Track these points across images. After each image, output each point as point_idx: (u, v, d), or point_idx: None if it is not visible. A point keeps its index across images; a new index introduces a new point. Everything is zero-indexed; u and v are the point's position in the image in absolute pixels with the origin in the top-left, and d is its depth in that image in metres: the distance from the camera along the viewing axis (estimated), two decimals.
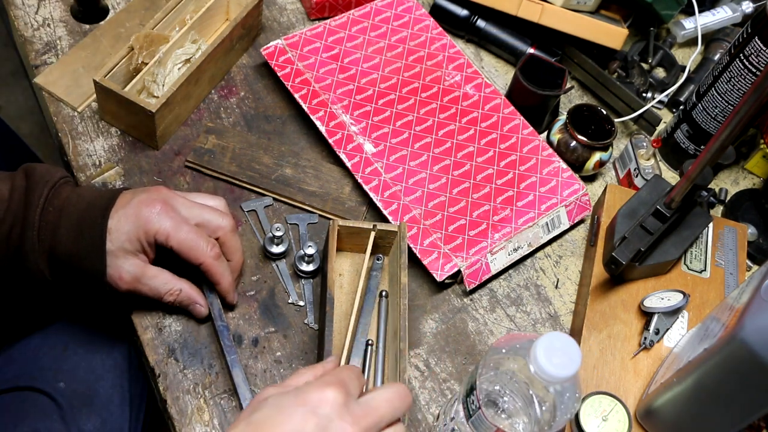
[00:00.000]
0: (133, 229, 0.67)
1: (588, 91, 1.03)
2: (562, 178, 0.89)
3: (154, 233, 0.68)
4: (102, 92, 0.82)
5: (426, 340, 0.80)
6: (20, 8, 0.93)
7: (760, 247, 0.91)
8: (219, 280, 0.73)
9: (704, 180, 0.78)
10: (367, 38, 0.94)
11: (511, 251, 0.84)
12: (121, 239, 0.67)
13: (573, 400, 0.59)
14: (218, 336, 0.73)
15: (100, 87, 0.81)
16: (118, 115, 0.85)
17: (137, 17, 0.95)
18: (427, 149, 0.87)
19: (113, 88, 0.80)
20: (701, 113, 0.89)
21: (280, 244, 0.80)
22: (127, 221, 0.67)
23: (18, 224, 0.67)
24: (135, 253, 0.69)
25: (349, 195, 0.85)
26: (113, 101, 0.82)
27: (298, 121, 0.91)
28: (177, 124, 0.87)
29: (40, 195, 0.68)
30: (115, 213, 0.68)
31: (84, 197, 0.69)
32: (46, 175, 0.69)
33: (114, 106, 0.83)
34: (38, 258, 0.67)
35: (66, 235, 0.67)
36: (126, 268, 0.68)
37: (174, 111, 0.84)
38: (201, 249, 0.70)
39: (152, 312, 0.76)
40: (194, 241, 0.69)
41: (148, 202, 0.69)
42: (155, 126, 0.81)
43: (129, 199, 0.69)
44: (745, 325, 0.58)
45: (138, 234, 0.68)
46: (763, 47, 0.80)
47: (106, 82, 0.81)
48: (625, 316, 0.80)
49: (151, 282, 0.70)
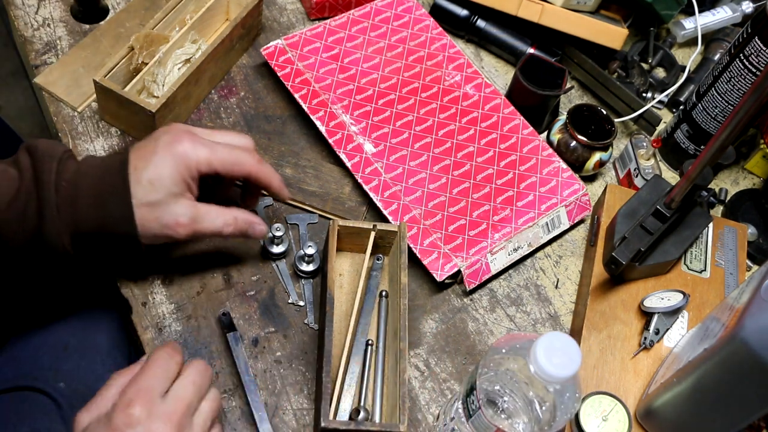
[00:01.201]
0: (174, 170, 0.66)
1: (588, 91, 1.03)
2: (562, 178, 0.89)
3: (195, 165, 0.67)
4: (102, 92, 0.82)
5: (426, 340, 0.80)
6: (20, 8, 0.93)
7: (760, 247, 0.91)
8: (270, 181, 0.73)
9: (704, 180, 0.78)
10: (367, 38, 0.94)
11: (511, 251, 0.84)
12: (165, 185, 0.66)
13: (573, 400, 0.59)
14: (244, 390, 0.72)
15: (100, 87, 0.81)
16: (118, 116, 0.84)
17: (137, 17, 0.95)
18: (427, 149, 0.87)
19: (113, 88, 0.80)
20: (701, 113, 0.89)
21: (280, 244, 0.80)
22: (165, 165, 0.66)
23: (32, 203, 0.65)
24: (183, 194, 0.68)
25: (349, 195, 0.85)
26: (113, 101, 0.82)
27: (298, 121, 0.91)
28: None
29: (49, 171, 0.66)
30: (144, 164, 0.66)
31: (94, 166, 0.67)
32: (50, 150, 0.67)
33: (114, 107, 0.83)
34: (62, 235, 0.66)
35: (87, 208, 0.66)
36: (180, 211, 0.67)
37: (174, 111, 0.84)
38: (244, 159, 0.70)
39: (152, 312, 0.76)
40: (235, 155, 0.69)
41: (176, 140, 0.67)
42: (155, 126, 0.80)
43: (152, 147, 0.67)
44: (745, 325, 0.58)
45: (181, 172, 0.67)
46: (763, 47, 0.80)
47: (106, 82, 0.81)
48: (625, 316, 0.80)
49: (207, 217, 0.69)
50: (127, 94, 0.80)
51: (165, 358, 0.60)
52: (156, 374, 0.59)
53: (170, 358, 0.60)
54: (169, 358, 0.60)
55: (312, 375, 0.75)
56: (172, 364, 0.60)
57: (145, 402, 0.56)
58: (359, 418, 0.70)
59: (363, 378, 0.74)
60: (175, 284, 0.78)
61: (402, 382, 0.68)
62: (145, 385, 0.58)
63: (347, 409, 0.72)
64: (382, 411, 0.73)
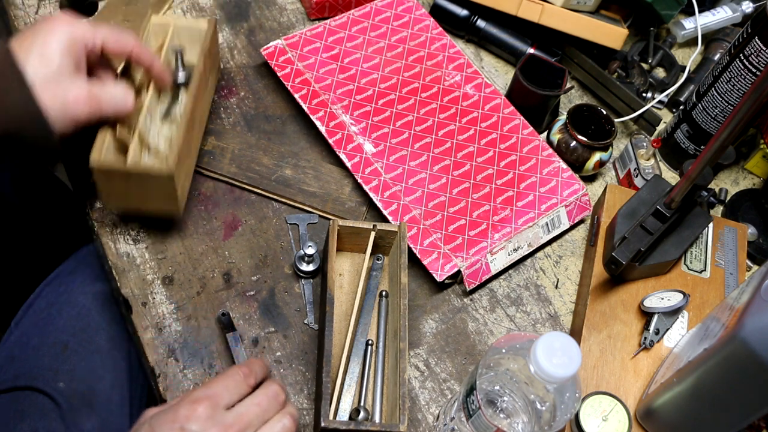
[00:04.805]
0: (61, 44, 0.65)
1: (588, 91, 1.03)
2: (562, 178, 0.89)
3: (81, 38, 0.66)
4: (104, 177, 0.73)
5: (426, 340, 0.80)
6: (20, 8, 0.93)
7: (760, 247, 0.91)
8: (152, 62, 0.73)
9: (704, 180, 0.78)
10: (367, 38, 0.94)
11: (511, 251, 0.84)
12: (55, 58, 0.64)
13: (573, 400, 0.59)
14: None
15: (101, 172, 0.71)
16: (128, 195, 0.75)
17: (119, 13, 0.94)
18: (427, 149, 0.87)
19: (117, 167, 0.72)
20: (701, 113, 0.89)
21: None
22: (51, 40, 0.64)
23: None
24: (76, 71, 0.66)
25: (349, 195, 0.85)
26: (119, 181, 0.73)
27: (298, 121, 0.91)
28: (188, 180, 0.80)
29: None
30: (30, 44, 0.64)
31: None
32: None
33: (121, 188, 0.74)
34: None
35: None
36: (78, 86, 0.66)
37: (183, 165, 0.76)
38: (128, 37, 0.70)
39: (152, 312, 0.76)
40: (119, 33, 0.69)
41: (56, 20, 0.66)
42: (174, 188, 0.73)
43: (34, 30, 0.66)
44: (745, 325, 0.58)
45: (68, 46, 0.65)
46: (763, 47, 0.80)
47: (105, 163, 0.71)
48: (625, 316, 0.80)
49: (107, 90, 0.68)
50: (135, 167, 0.72)
51: (238, 376, 0.61)
52: (227, 386, 0.60)
53: (243, 379, 0.61)
54: (242, 378, 0.61)
55: (312, 375, 0.75)
56: (243, 384, 0.61)
57: (210, 406, 0.58)
58: (359, 418, 0.70)
59: (363, 378, 0.74)
60: (175, 284, 0.78)
61: (402, 382, 0.68)
62: (214, 392, 0.59)
63: (347, 409, 0.72)
64: (382, 411, 0.73)
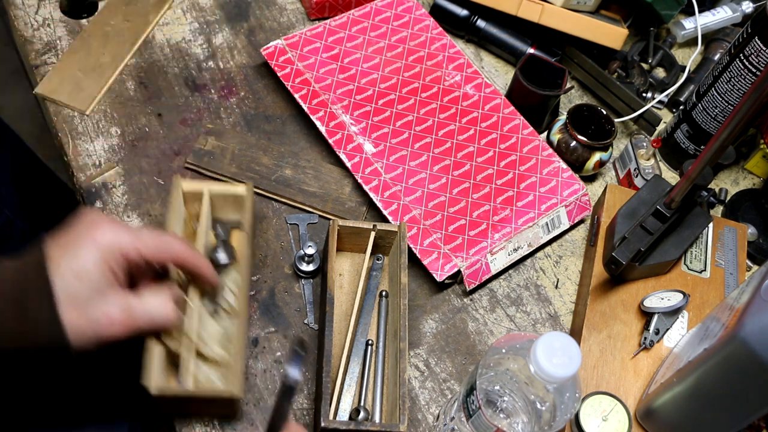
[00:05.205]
0: (99, 258, 0.59)
1: (588, 91, 1.03)
2: (562, 178, 0.89)
3: (120, 251, 0.60)
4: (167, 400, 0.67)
5: (426, 340, 0.80)
6: (20, 8, 0.93)
7: (760, 247, 0.91)
8: (200, 267, 0.66)
9: (704, 180, 0.78)
10: (367, 38, 0.94)
11: (511, 251, 0.84)
12: (92, 277, 0.58)
13: (573, 400, 0.59)
14: None
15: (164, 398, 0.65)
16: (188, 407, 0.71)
17: (119, 13, 0.94)
18: (427, 149, 0.87)
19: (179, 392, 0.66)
20: (701, 113, 0.89)
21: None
22: (88, 254, 0.58)
23: None
24: (111, 286, 0.60)
25: (349, 195, 0.85)
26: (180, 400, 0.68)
27: (298, 121, 0.91)
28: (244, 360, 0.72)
29: None
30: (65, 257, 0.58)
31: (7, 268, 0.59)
32: None
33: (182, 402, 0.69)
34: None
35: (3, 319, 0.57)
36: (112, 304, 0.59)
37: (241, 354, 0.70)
38: (172, 242, 0.63)
39: None
40: (162, 238, 0.63)
41: (96, 227, 0.60)
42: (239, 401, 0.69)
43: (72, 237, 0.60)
44: (745, 325, 0.58)
45: (106, 260, 0.59)
46: (763, 47, 0.80)
47: (166, 390, 0.65)
48: (625, 316, 0.80)
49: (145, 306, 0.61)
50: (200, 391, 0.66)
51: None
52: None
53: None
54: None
55: (312, 375, 0.76)
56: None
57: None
58: (359, 418, 0.70)
59: (363, 378, 0.74)
60: None
61: (402, 382, 0.68)
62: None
63: (347, 409, 0.72)
64: (382, 411, 0.73)
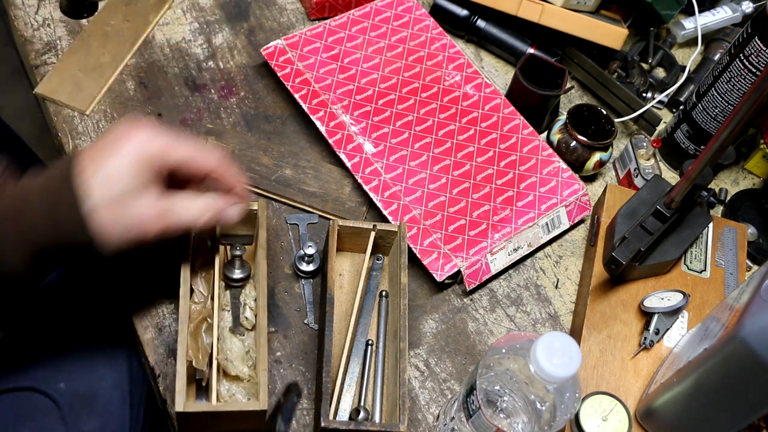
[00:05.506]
0: (132, 159, 0.59)
1: (588, 91, 1.03)
2: (562, 178, 0.89)
3: (155, 154, 0.60)
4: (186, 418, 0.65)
5: (426, 340, 0.80)
6: (20, 8, 0.93)
7: (760, 247, 0.91)
8: (234, 183, 0.66)
9: (704, 180, 0.78)
10: (367, 38, 0.94)
11: (511, 251, 0.84)
12: (124, 177, 0.59)
13: (573, 400, 0.59)
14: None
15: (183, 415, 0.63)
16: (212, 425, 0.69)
17: (119, 13, 0.94)
18: (427, 149, 0.87)
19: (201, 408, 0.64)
20: (701, 113, 0.89)
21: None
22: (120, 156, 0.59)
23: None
24: (146, 186, 0.60)
25: (349, 195, 0.85)
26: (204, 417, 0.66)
27: (298, 121, 0.91)
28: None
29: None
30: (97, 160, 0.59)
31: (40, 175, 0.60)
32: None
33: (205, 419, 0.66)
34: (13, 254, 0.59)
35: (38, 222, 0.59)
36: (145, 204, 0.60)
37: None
38: (207, 153, 0.63)
39: (152, 312, 0.76)
40: (197, 148, 0.62)
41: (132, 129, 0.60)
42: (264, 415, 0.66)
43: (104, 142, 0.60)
44: (745, 325, 0.58)
45: (140, 160, 0.59)
46: (763, 47, 0.80)
47: (192, 405, 0.64)
48: (625, 316, 0.80)
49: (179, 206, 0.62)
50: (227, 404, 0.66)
51: None
52: None
53: None
54: None
55: (312, 375, 0.75)
56: None
57: None
58: (359, 418, 0.70)
59: (363, 378, 0.74)
60: None
61: (402, 382, 0.68)
62: None
63: (347, 409, 0.72)
64: (382, 411, 0.73)
